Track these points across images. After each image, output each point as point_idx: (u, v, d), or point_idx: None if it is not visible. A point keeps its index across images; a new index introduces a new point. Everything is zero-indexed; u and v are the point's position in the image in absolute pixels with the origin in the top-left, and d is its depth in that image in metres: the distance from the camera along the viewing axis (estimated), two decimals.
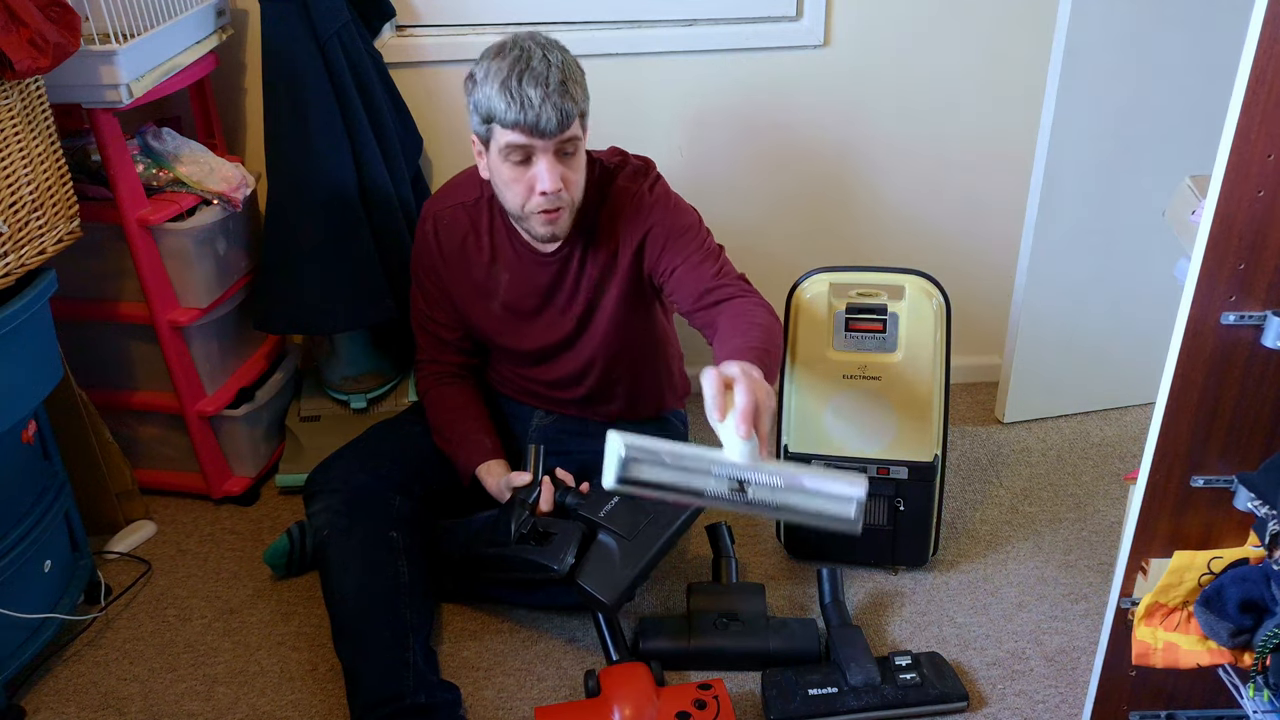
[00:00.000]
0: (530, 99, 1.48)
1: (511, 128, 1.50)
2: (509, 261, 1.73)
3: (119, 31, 1.68)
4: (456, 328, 1.82)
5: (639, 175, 1.71)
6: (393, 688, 1.53)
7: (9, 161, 1.53)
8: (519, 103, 1.48)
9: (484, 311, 1.77)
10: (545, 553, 1.59)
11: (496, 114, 1.50)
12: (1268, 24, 0.96)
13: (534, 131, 1.50)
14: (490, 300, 1.76)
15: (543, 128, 1.49)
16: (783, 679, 1.59)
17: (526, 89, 1.48)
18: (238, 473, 2.09)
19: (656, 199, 1.68)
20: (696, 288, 1.63)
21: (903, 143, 2.18)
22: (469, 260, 1.74)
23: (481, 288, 1.76)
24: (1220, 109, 1.02)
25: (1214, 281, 1.09)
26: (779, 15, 2.07)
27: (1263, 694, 1.15)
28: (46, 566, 1.67)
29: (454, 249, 1.75)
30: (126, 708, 1.64)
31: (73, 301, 1.86)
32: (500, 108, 1.49)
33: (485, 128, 1.55)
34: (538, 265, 1.72)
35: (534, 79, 1.48)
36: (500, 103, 1.49)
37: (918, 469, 1.76)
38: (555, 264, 1.71)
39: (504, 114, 1.49)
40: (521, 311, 1.76)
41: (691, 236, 1.67)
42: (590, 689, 1.58)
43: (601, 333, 1.76)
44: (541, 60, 1.49)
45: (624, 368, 1.82)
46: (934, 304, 1.72)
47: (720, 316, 1.59)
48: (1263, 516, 1.12)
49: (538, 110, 1.48)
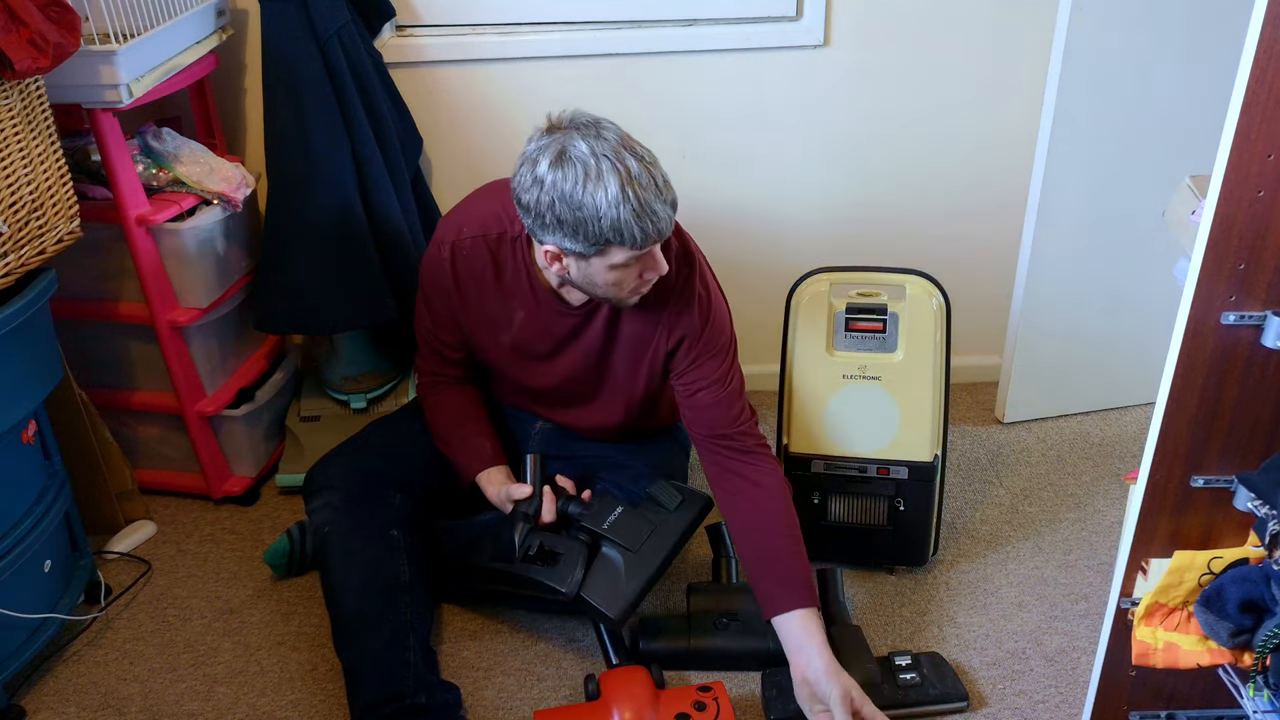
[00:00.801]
0: (657, 213, 1.41)
1: (642, 246, 1.43)
2: (526, 304, 1.66)
3: (119, 31, 1.68)
4: (461, 349, 1.77)
5: (688, 260, 1.63)
6: (393, 688, 1.52)
7: (9, 161, 1.53)
8: (649, 220, 1.40)
9: (493, 344, 1.72)
10: (553, 574, 1.59)
11: (628, 238, 1.41)
12: (1268, 24, 0.96)
13: (658, 239, 1.45)
14: (501, 334, 1.70)
15: (662, 232, 1.44)
16: (782, 679, 1.59)
17: (654, 206, 1.41)
18: (238, 473, 2.09)
19: (709, 301, 1.64)
20: (716, 423, 1.64)
21: (902, 143, 2.18)
22: (484, 294, 1.67)
23: (494, 321, 1.69)
24: (1220, 109, 1.02)
25: (1214, 281, 1.09)
26: (779, 15, 2.07)
27: (1263, 694, 1.15)
28: (46, 566, 1.67)
29: (471, 280, 1.67)
30: (126, 708, 1.64)
31: (73, 301, 1.86)
32: (630, 232, 1.40)
33: (599, 245, 1.43)
34: (557, 314, 1.65)
35: (654, 191, 1.41)
36: (630, 227, 1.40)
37: (918, 469, 1.76)
38: (577, 318, 1.65)
39: (635, 237, 1.41)
40: (531, 354, 1.72)
41: (724, 358, 1.65)
42: (590, 692, 1.58)
43: (612, 393, 1.73)
44: (641, 168, 1.40)
45: (635, 417, 1.79)
46: (934, 304, 1.72)
47: (746, 497, 1.62)
48: (1263, 516, 1.12)
49: (665, 219, 1.43)
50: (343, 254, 1.94)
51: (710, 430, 1.65)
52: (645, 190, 1.40)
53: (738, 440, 1.64)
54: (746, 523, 1.63)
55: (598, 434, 1.82)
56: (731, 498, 1.64)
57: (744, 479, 1.63)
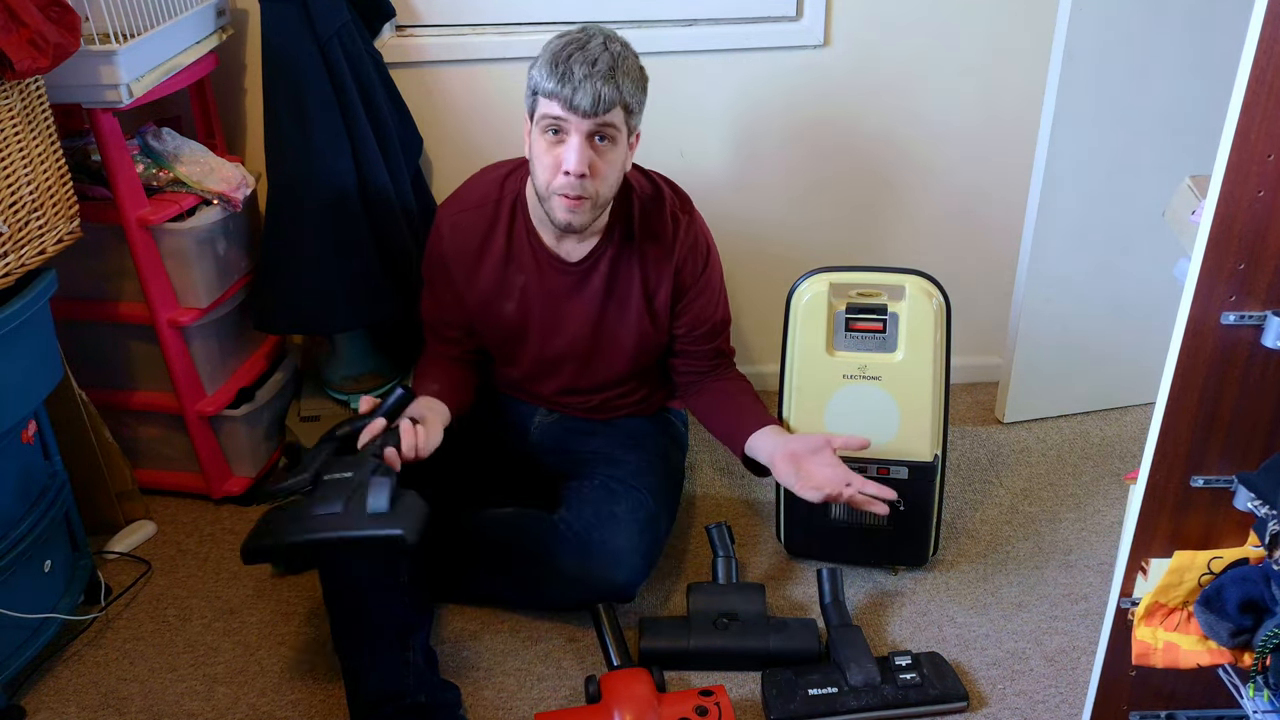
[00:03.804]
0: (573, 73, 1.51)
1: (549, 97, 1.53)
2: (527, 266, 1.72)
3: (119, 31, 1.68)
4: (461, 329, 1.81)
5: (686, 206, 1.76)
6: (393, 687, 1.53)
7: (9, 161, 1.53)
8: (559, 74, 1.51)
9: (498, 316, 1.76)
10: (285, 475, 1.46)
11: (540, 84, 1.54)
12: (1268, 24, 0.96)
13: (569, 105, 1.52)
14: (503, 303, 1.75)
15: (577, 103, 1.51)
16: (783, 679, 1.59)
17: (573, 64, 1.51)
18: (238, 473, 2.09)
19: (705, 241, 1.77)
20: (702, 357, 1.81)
21: (902, 143, 2.18)
22: (483, 262, 1.73)
23: (495, 290, 1.74)
24: (1220, 109, 1.02)
25: (1214, 281, 1.09)
26: (779, 15, 2.07)
27: (1263, 694, 1.15)
28: (46, 566, 1.67)
29: (469, 251, 1.73)
30: (126, 708, 1.64)
31: (73, 301, 1.86)
32: (543, 75, 1.53)
33: (531, 99, 1.57)
34: (558, 273, 1.71)
35: (583, 57, 1.51)
36: (545, 71, 1.52)
37: (918, 469, 1.76)
38: (576, 275, 1.71)
39: (544, 82, 1.53)
40: (536, 319, 1.75)
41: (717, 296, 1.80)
42: (591, 695, 1.58)
43: (615, 348, 1.76)
44: (599, 45, 1.53)
45: (634, 380, 1.84)
46: (934, 304, 1.72)
47: (715, 386, 1.82)
48: (1263, 516, 1.12)
49: (576, 85, 1.50)
50: (343, 254, 1.94)
51: (694, 369, 1.81)
52: (582, 54, 1.51)
53: (717, 372, 1.83)
54: (716, 395, 1.81)
55: (606, 392, 1.85)
56: (702, 393, 1.83)
57: (717, 379, 1.83)
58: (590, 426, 1.88)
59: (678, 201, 1.75)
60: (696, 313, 1.77)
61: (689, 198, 1.78)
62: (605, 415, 1.88)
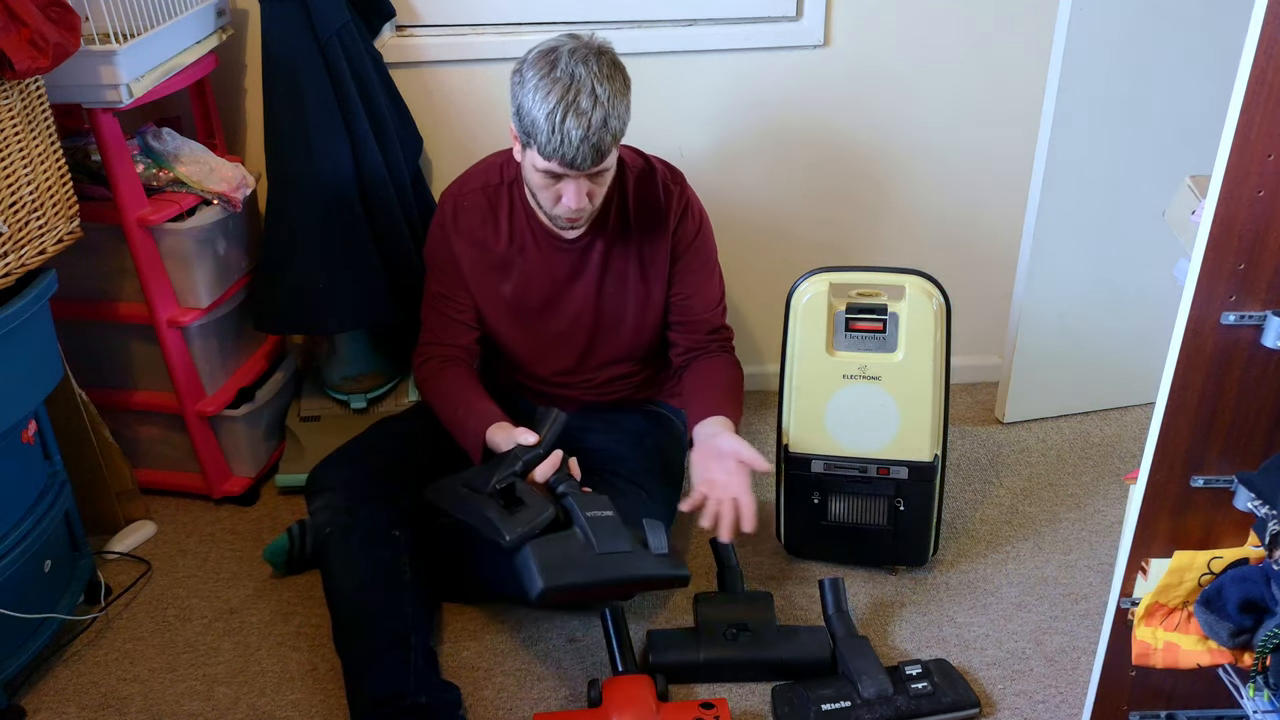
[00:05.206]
0: (570, 139, 1.50)
1: (547, 158, 1.54)
2: (527, 246, 1.76)
3: (119, 31, 1.68)
4: (470, 310, 1.81)
5: (678, 178, 1.78)
6: (393, 687, 1.53)
7: (9, 161, 1.53)
8: (559, 139, 1.51)
9: (497, 294, 1.78)
10: (505, 519, 1.48)
11: (536, 141, 1.53)
12: (1268, 24, 0.96)
13: (567, 164, 1.54)
14: (505, 282, 1.78)
15: (578, 165, 1.53)
16: (794, 694, 1.57)
17: (569, 128, 1.50)
18: (238, 473, 2.09)
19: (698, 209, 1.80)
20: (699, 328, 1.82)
21: (902, 143, 2.18)
22: (487, 241, 1.76)
23: (497, 269, 1.77)
24: (1220, 109, 1.02)
25: (1214, 281, 1.09)
26: (779, 15, 2.07)
27: (1263, 694, 1.15)
28: (46, 566, 1.67)
29: (472, 229, 1.77)
30: (126, 708, 1.64)
31: (73, 301, 1.86)
32: (541, 139, 1.52)
33: (525, 137, 1.57)
34: (557, 252, 1.75)
35: (578, 120, 1.50)
36: (543, 134, 1.51)
37: (918, 469, 1.76)
38: (574, 254, 1.75)
39: (544, 145, 1.52)
40: (535, 297, 1.78)
41: (711, 267, 1.83)
42: (592, 698, 1.58)
43: (617, 323, 1.79)
44: (589, 96, 1.50)
45: (636, 361, 1.86)
46: (934, 304, 1.71)
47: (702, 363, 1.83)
48: (1263, 516, 1.12)
49: (575, 149, 1.51)
50: (343, 254, 1.94)
51: (692, 345, 1.83)
52: (576, 115, 1.49)
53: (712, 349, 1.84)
54: (697, 375, 1.82)
55: (608, 370, 1.87)
56: (689, 373, 1.83)
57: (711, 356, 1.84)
58: (590, 423, 1.88)
59: (669, 174, 1.78)
60: (692, 278, 1.80)
61: (681, 173, 1.81)
62: (608, 397, 1.89)
